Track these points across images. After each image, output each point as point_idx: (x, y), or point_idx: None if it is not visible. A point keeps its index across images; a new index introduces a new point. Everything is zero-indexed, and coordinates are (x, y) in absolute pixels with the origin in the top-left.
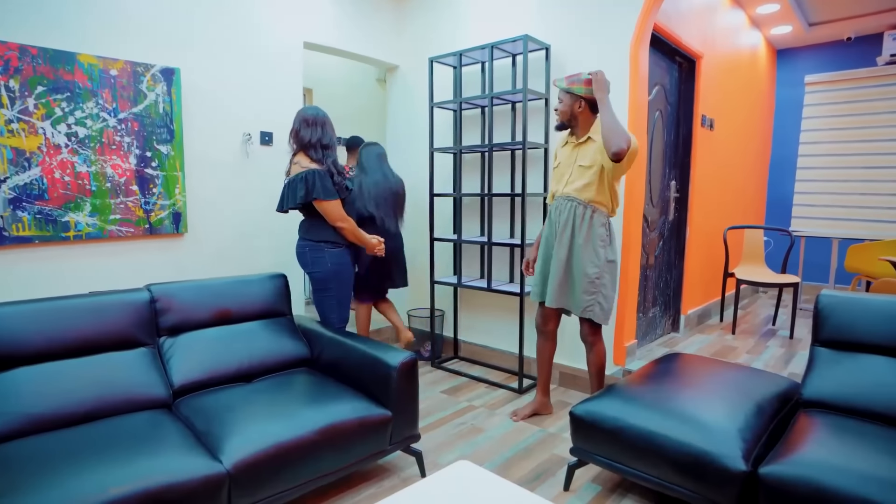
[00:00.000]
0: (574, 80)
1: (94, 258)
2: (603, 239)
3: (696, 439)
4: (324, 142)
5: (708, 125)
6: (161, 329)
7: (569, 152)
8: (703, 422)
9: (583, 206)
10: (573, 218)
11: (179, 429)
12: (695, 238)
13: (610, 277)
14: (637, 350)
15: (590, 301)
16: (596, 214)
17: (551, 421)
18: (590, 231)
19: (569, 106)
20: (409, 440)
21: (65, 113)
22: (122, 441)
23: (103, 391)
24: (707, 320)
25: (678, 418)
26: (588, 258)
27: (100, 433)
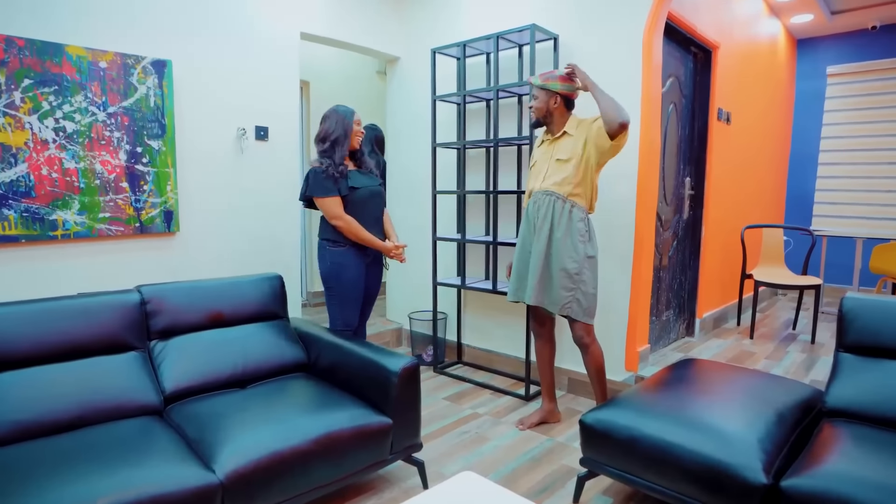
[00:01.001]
0: (549, 77)
1: (83, 258)
2: (582, 234)
3: (714, 450)
4: (328, 137)
5: (724, 119)
6: (152, 332)
7: (545, 149)
8: (722, 431)
9: (561, 200)
10: (552, 212)
11: (171, 436)
12: (711, 238)
13: (590, 273)
14: (650, 355)
15: (568, 297)
16: (575, 209)
17: (560, 430)
18: (569, 225)
19: (544, 102)
20: (411, 449)
21: (52, 107)
22: (112, 449)
23: (92, 397)
24: (723, 324)
25: (695, 428)
26: (567, 253)
27: (88, 441)
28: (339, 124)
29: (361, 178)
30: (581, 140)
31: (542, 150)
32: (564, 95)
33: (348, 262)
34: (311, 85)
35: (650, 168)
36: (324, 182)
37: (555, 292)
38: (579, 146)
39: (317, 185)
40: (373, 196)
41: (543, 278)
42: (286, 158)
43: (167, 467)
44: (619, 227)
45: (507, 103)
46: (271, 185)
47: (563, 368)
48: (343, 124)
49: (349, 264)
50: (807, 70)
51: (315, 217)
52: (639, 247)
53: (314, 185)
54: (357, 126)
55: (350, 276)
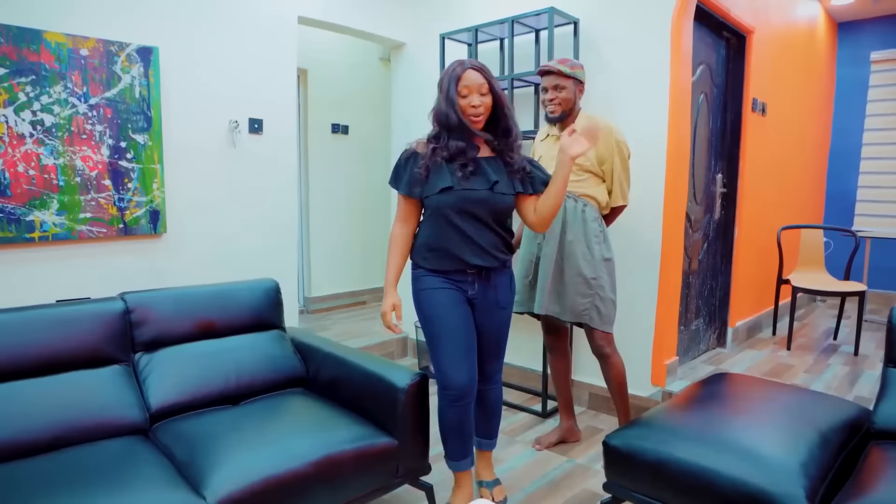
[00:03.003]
0: (574, 65)
1: (62, 262)
2: (597, 234)
3: (752, 475)
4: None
5: (759, 110)
6: (136, 344)
7: (551, 145)
8: (759, 455)
9: (573, 199)
10: (563, 213)
11: (157, 458)
12: (744, 239)
13: (608, 278)
14: (678, 368)
15: (585, 305)
16: (588, 208)
17: (580, 450)
18: (583, 226)
19: (573, 93)
20: (419, 472)
21: (29, 98)
22: (93, 472)
23: (71, 415)
24: (758, 333)
25: (729, 450)
26: (582, 256)
27: (67, 463)
28: (441, 92)
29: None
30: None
31: (549, 145)
32: (584, 85)
33: (426, 288)
34: (310, 73)
35: (679, 164)
36: (396, 169)
37: (569, 299)
38: (598, 145)
39: (392, 172)
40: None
41: (556, 285)
42: (282, 153)
43: (154, 493)
44: (645, 228)
45: (523, 93)
46: (266, 182)
47: (583, 382)
48: (448, 90)
49: (428, 290)
50: (849, 56)
51: (314, 217)
52: (667, 250)
53: (392, 172)
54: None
55: (431, 307)
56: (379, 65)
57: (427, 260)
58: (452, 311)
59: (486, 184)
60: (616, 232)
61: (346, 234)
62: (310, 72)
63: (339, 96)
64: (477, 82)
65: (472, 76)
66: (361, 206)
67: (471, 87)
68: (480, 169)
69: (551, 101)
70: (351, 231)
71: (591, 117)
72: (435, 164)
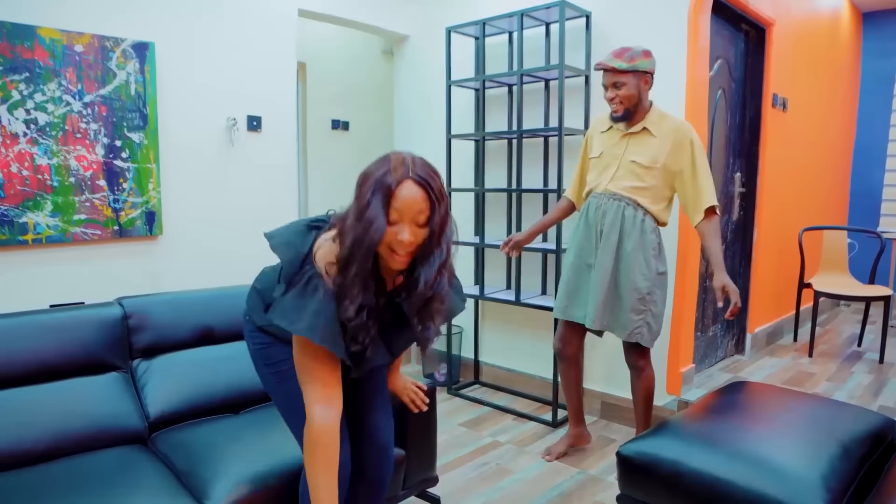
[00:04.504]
0: (634, 55)
1: (56, 265)
2: (655, 247)
3: (771, 487)
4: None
5: (780, 105)
6: (134, 350)
7: (615, 141)
8: (779, 466)
9: (633, 206)
10: (621, 220)
11: (157, 468)
12: (764, 241)
13: (661, 293)
14: (694, 376)
15: (638, 322)
16: (647, 218)
17: (592, 461)
18: (641, 237)
19: (635, 87)
20: (426, 484)
21: (23, 96)
22: (91, 483)
23: (67, 424)
24: (778, 340)
25: (748, 462)
26: (639, 269)
27: (63, 473)
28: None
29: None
30: (666, 146)
31: (612, 140)
32: (652, 74)
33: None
34: (308, 67)
35: None
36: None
37: (624, 315)
38: (664, 153)
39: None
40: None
41: (610, 298)
42: (282, 151)
43: (155, 503)
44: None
45: (533, 89)
46: (265, 181)
47: (595, 391)
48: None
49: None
50: (874, 48)
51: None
52: (683, 252)
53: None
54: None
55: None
56: (381, 58)
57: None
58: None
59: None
60: None
61: None
62: (308, 65)
63: (339, 91)
64: (417, 206)
65: (411, 193)
66: None
67: (405, 211)
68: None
69: (612, 101)
70: None
71: (664, 116)
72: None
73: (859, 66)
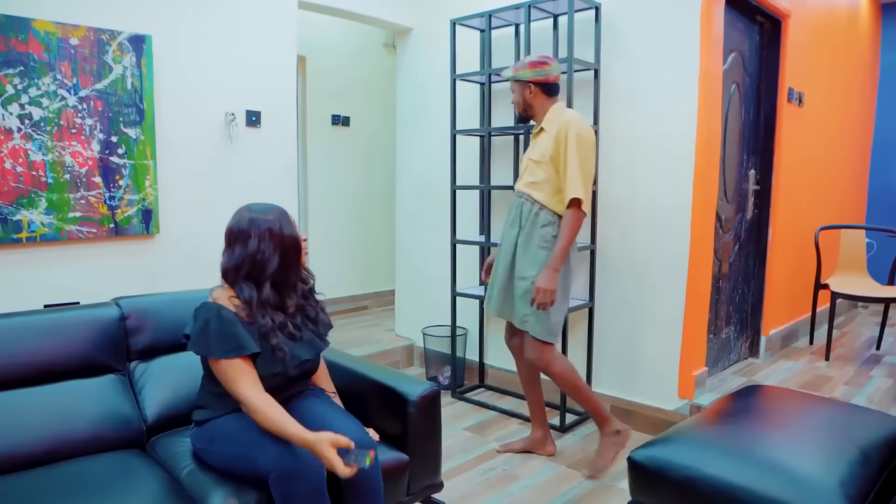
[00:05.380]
0: (518, 67)
1: (50, 264)
2: (547, 240)
3: (787, 494)
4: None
5: (796, 100)
6: (132, 352)
7: (530, 143)
8: (796, 473)
9: (530, 202)
10: (520, 216)
11: (156, 474)
12: (779, 240)
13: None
14: (707, 380)
15: (526, 311)
16: (543, 211)
17: None
18: (532, 230)
19: (520, 94)
20: (430, 490)
21: (17, 91)
22: (87, 488)
23: (64, 427)
24: (793, 342)
25: (764, 468)
26: (528, 261)
27: (59, 478)
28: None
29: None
30: (552, 140)
31: (530, 144)
32: (538, 82)
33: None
34: (308, 60)
35: (709, 160)
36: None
37: (517, 304)
38: (550, 147)
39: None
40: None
41: (507, 287)
42: (281, 148)
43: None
44: (672, 229)
45: None
46: (264, 178)
47: (604, 395)
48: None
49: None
50: (894, 40)
51: (313, 215)
52: (695, 252)
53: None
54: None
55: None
56: (383, 51)
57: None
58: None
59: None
60: (640, 231)
61: (346, 234)
62: (308, 59)
63: (340, 86)
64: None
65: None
66: (363, 203)
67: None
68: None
69: (513, 104)
70: (351, 231)
71: (561, 113)
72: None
73: (878, 58)
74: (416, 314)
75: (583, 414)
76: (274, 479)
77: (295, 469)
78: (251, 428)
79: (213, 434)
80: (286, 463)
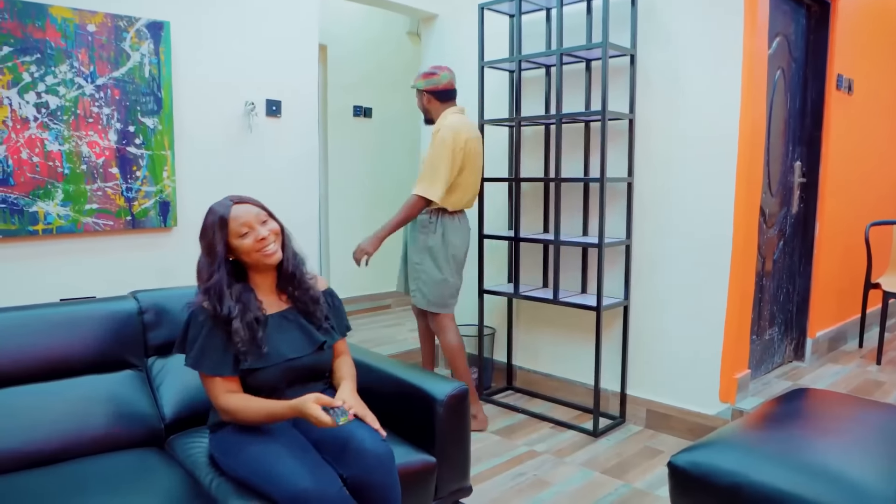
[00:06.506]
0: (417, 76)
1: (66, 257)
2: (424, 226)
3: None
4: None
5: (845, 88)
6: (150, 347)
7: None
8: (851, 480)
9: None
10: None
11: (175, 475)
12: (826, 237)
13: (431, 264)
14: (750, 383)
15: (414, 287)
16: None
17: (638, 473)
18: (416, 219)
19: (420, 102)
20: (459, 494)
21: (34, 79)
22: (103, 488)
23: (79, 424)
24: (842, 345)
25: (817, 475)
26: (415, 247)
27: (75, 476)
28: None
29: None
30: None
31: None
32: (430, 91)
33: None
34: (329, 49)
35: (753, 150)
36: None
37: (409, 282)
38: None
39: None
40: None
41: (405, 268)
42: (302, 138)
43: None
44: (713, 223)
45: (573, 70)
46: (285, 169)
47: (640, 398)
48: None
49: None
50: None
51: (334, 209)
52: (738, 248)
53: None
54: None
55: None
56: (406, 39)
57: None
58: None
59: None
60: (679, 225)
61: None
62: (329, 48)
63: (362, 76)
64: (252, 212)
65: (241, 209)
66: (385, 197)
67: (249, 221)
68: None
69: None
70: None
71: (447, 117)
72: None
73: None
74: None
75: (617, 418)
76: None
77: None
78: (257, 456)
79: (225, 447)
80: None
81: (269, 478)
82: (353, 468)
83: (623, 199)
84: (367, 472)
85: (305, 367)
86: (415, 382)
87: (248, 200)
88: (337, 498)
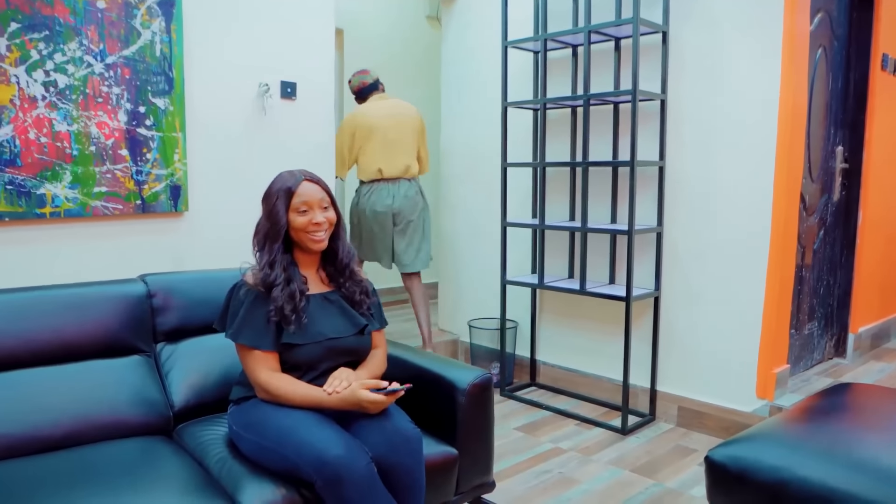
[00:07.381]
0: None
1: (74, 241)
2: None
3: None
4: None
5: (890, 68)
6: (158, 332)
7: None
8: None
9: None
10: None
11: (184, 463)
12: (870, 226)
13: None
14: (789, 380)
15: (414, 252)
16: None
17: (669, 472)
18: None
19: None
20: (481, 489)
21: (42, 57)
22: (109, 476)
23: (85, 410)
24: (885, 342)
25: (869, 471)
26: (403, 212)
27: (80, 464)
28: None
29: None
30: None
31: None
32: (354, 94)
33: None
34: (346, 33)
35: (793, 133)
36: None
37: (409, 250)
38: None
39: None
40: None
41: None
42: (318, 121)
43: (183, 499)
44: (750, 211)
45: (601, 49)
46: (300, 152)
47: (670, 394)
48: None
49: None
50: None
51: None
52: (777, 237)
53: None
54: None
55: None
56: (425, 24)
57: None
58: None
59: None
60: (714, 213)
61: None
62: (346, 32)
63: (380, 61)
64: (318, 196)
65: (309, 188)
66: None
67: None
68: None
69: None
70: None
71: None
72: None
73: None
74: (462, 306)
75: (647, 416)
76: (321, 487)
77: (340, 477)
78: (287, 425)
79: (249, 419)
80: (330, 472)
81: (298, 447)
82: (381, 447)
83: (654, 185)
84: (394, 451)
85: (346, 349)
86: (435, 370)
87: (319, 182)
88: (366, 472)
